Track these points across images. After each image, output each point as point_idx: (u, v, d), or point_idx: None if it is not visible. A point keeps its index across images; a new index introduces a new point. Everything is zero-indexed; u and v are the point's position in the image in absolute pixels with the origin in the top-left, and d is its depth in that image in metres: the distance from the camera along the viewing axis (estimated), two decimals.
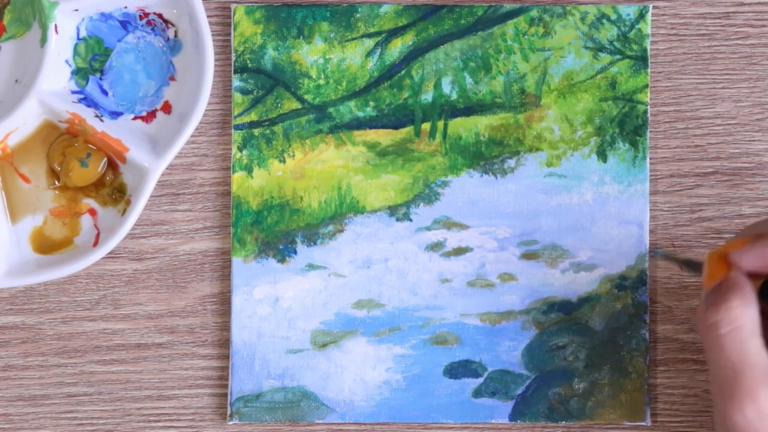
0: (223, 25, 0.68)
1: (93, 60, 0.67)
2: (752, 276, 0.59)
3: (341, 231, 0.67)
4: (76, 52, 0.67)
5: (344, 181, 0.67)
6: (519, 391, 0.67)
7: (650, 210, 0.68)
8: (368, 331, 0.67)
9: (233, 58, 0.67)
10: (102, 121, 0.67)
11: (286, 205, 0.67)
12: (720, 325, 0.57)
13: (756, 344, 0.57)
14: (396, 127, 0.68)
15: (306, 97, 0.67)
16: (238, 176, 0.67)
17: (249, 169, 0.67)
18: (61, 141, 0.67)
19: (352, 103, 0.67)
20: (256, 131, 0.67)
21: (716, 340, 0.57)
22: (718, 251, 0.59)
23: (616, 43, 0.67)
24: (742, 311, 0.57)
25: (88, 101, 0.67)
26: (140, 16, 0.67)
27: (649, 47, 0.67)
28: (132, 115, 0.67)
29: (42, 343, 0.68)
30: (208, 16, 0.67)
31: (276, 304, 0.67)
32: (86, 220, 0.67)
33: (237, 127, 0.67)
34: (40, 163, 0.67)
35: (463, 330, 0.67)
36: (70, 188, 0.67)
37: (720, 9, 0.68)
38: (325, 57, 0.67)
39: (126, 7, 0.67)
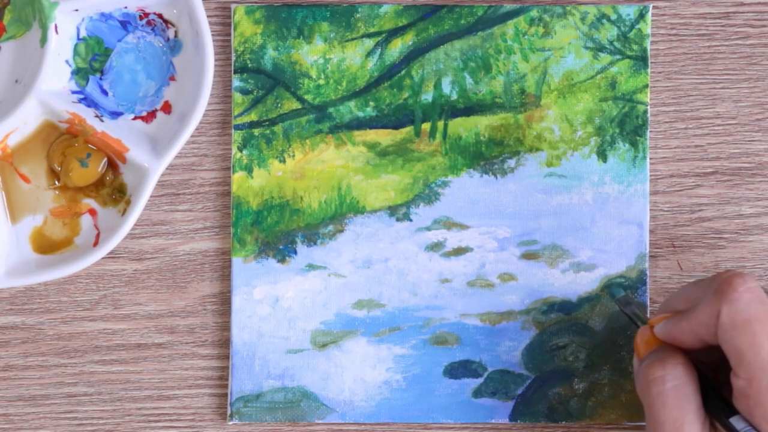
0: (223, 25, 0.68)
1: (93, 60, 0.67)
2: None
3: (341, 231, 0.67)
4: (76, 52, 0.67)
5: (344, 181, 0.67)
6: (519, 391, 0.67)
7: (650, 210, 0.68)
8: (368, 331, 0.67)
9: (233, 58, 0.67)
10: (102, 121, 0.67)
11: (286, 205, 0.67)
12: (666, 379, 0.58)
13: (696, 404, 0.58)
14: (396, 127, 0.68)
15: (306, 97, 0.67)
16: (238, 176, 0.67)
17: (249, 169, 0.67)
18: (61, 141, 0.67)
19: (352, 103, 0.67)
20: (256, 131, 0.67)
21: (660, 394, 0.58)
22: (648, 324, 0.62)
23: (616, 43, 0.67)
24: (687, 370, 0.59)
25: (88, 101, 0.67)
26: (140, 16, 0.67)
27: (649, 47, 0.67)
28: (132, 115, 0.67)
29: (42, 343, 0.68)
30: (208, 16, 0.67)
31: (276, 304, 0.67)
32: (86, 220, 0.67)
33: (237, 127, 0.67)
34: (40, 163, 0.67)
35: (463, 330, 0.67)
36: (70, 188, 0.67)
37: (720, 9, 0.68)
38: (325, 57, 0.67)
39: (126, 7, 0.67)
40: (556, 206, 0.67)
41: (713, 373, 0.60)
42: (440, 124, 0.67)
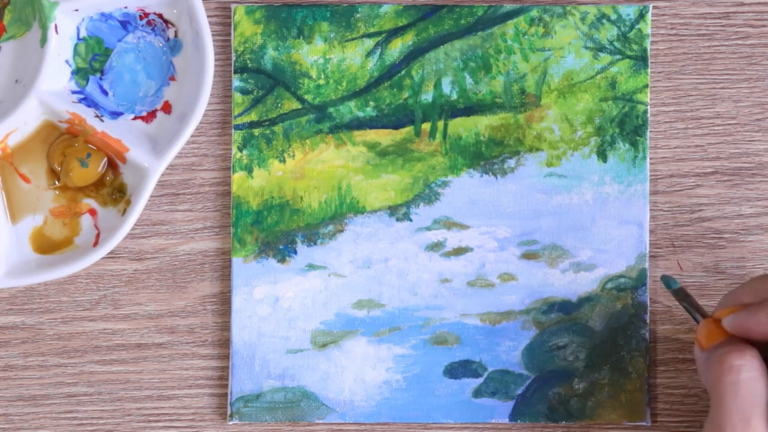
0: (223, 25, 0.68)
1: (93, 60, 0.67)
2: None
3: (341, 231, 0.67)
4: (76, 52, 0.67)
5: (344, 181, 0.67)
6: (519, 391, 0.67)
7: (650, 210, 0.68)
8: (368, 331, 0.67)
9: (233, 58, 0.67)
10: (102, 121, 0.67)
11: (286, 205, 0.67)
12: (743, 369, 0.58)
13: (766, 400, 0.58)
14: (396, 127, 0.68)
15: (306, 97, 0.67)
16: (238, 176, 0.67)
17: (249, 169, 0.67)
18: (61, 141, 0.67)
19: (352, 103, 0.67)
20: (256, 131, 0.67)
21: (734, 383, 0.58)
22: (713, 317, 0.61)
23: (616, 43, 0.67)
24: (762, 364, 0.58)
25: (88, 101, 0.67)
26: (140, 16, 0.67)
27: (649, 47, 0.67)
28: (132, 115, 0.67)
29: (42, 343, 0.68)
30: (208, 16, 0.67)
31: (276, 304, 0.67)
32: (86, 220, 0.67)
33: (237, 127, 0.67)
34: (40, 163, 0.67)
35: (463, 330, 0.67)
36: (70, 188, 0.67)
37: (720, 9, 0.68)
38: (325, 57, 0.67)
39: (126, 7, 0.67)
40: (556, 206, 0.67)
41: None
42: (440, 124, 0.67)
